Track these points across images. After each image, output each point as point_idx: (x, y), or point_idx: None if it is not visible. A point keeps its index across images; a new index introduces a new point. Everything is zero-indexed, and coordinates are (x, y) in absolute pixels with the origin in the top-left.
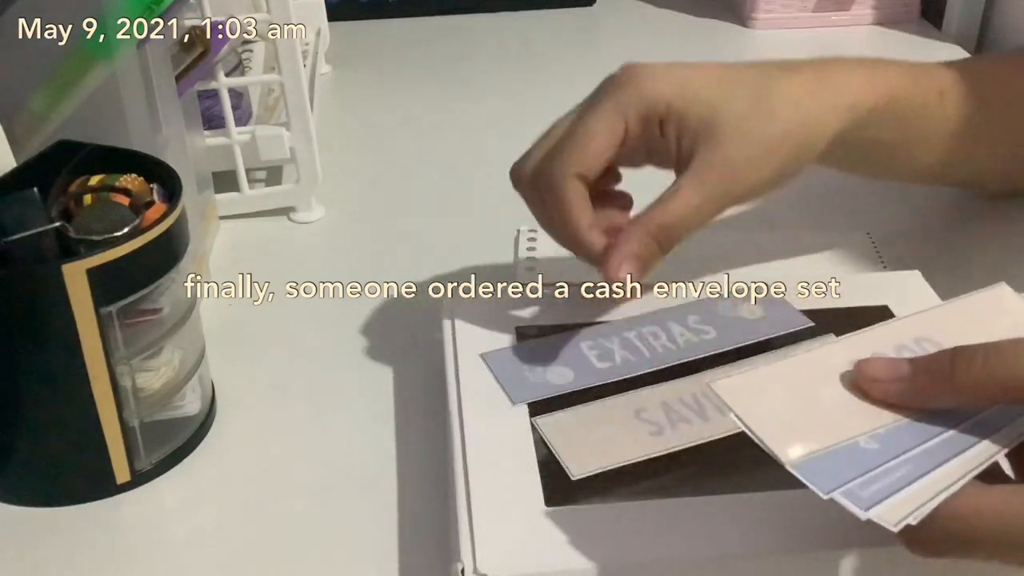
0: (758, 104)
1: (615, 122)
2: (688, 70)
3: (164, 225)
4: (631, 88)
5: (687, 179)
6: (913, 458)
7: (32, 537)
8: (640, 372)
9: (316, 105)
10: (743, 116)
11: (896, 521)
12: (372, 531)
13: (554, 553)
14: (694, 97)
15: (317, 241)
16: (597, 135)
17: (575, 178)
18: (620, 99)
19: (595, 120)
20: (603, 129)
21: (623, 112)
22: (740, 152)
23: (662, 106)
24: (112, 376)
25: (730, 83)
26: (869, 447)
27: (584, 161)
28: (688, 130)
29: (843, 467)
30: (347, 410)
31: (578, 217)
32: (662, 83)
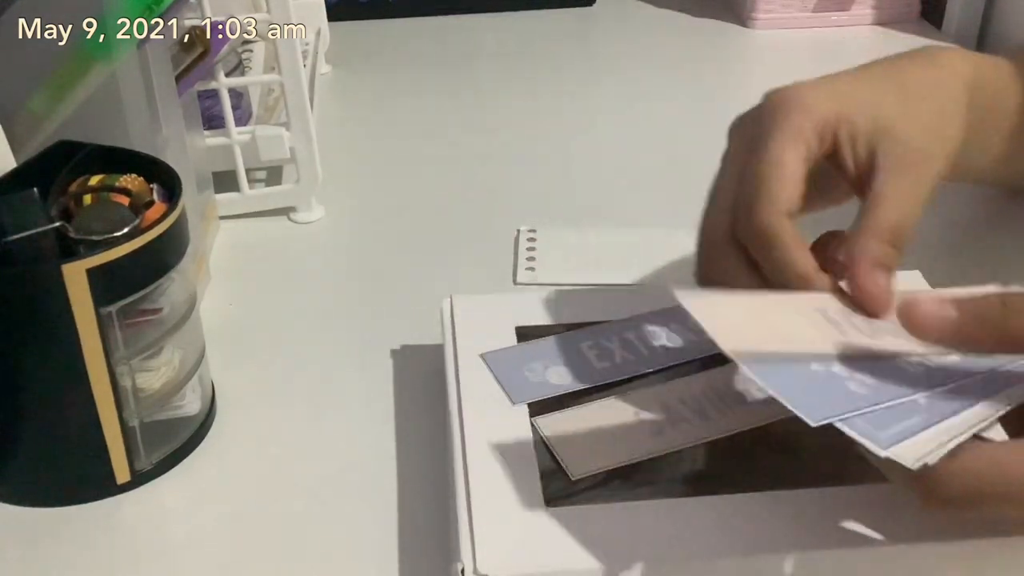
0: (905, 94)
1: (798, 146)
2: (831, 82)
3: (164, 225)
4: (796, 109)
5: (886, 176)
6: (929, 403)
7: (32, 537)
8: (640, 372)
9: (316, 105)
10: (900, 107)
11: (914, 459)
12: (372, 531)
13: (554, 553)
14: (854, 104)
15: (317, 241)
16: (788, 164)
17: (784, 217)
18: (792, 123)
19: (779, 150)
20: (791, 156)
21: (802, 134)
22: (917, 137)
23: (832, 117)
24: (112, 376)
25: (872, 84)
26: (859, 391)
27: (786, 195)
28: (860, 134)
29: (832, 399)
30: (347, 410)
31: (804, 260)
32: (820, 97)
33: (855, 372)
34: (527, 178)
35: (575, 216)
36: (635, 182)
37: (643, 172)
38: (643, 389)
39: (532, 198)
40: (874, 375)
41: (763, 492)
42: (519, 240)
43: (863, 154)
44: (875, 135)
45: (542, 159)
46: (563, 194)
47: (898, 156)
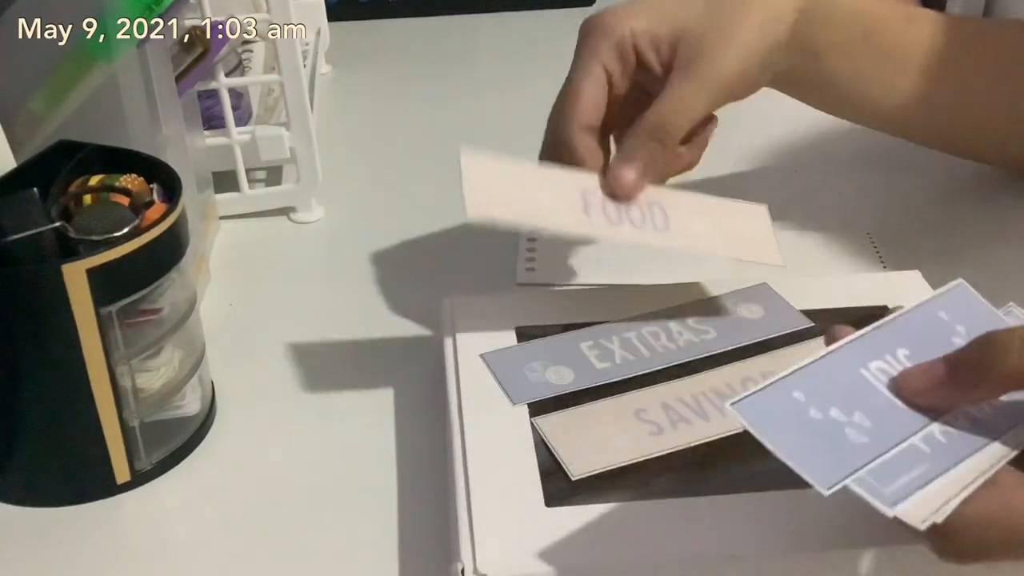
0: (714, 3)
1: (595, 70)
2: (640, 1)
3: (164, 225)
4: (592, 35)
5: (673, 75)
6: (933, 451)
7: (32, 537)
8: (640, 372)
9: (316, 105)
10: (705, 11)
11: (922, 519)
12: (372, 531)
13: (554, 553)
14: (656, 15)
15: (317, 241)
16: (582, 87)
17: (580, 131)
18: (590, 48)
19: (577, 76)
20: (587, 81)
21: (598, 58)
22: (714, 36)
23: (628, 35)
24: (112, 376)
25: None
26: (860, 440)
27: (581, 114)
28: (663, 43)
29: (837, 455)
30: (347, 410)
31: (590, 163)
32: (617, 18)
33: (852, 414)
34: None
35: None
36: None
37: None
38: (643, 389)
39: None
40: (871, 415)
41: (763, 492)
42: (519, 240)
43: (666, 55)
44: (674, 38)
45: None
46: None
47: (687, 58)
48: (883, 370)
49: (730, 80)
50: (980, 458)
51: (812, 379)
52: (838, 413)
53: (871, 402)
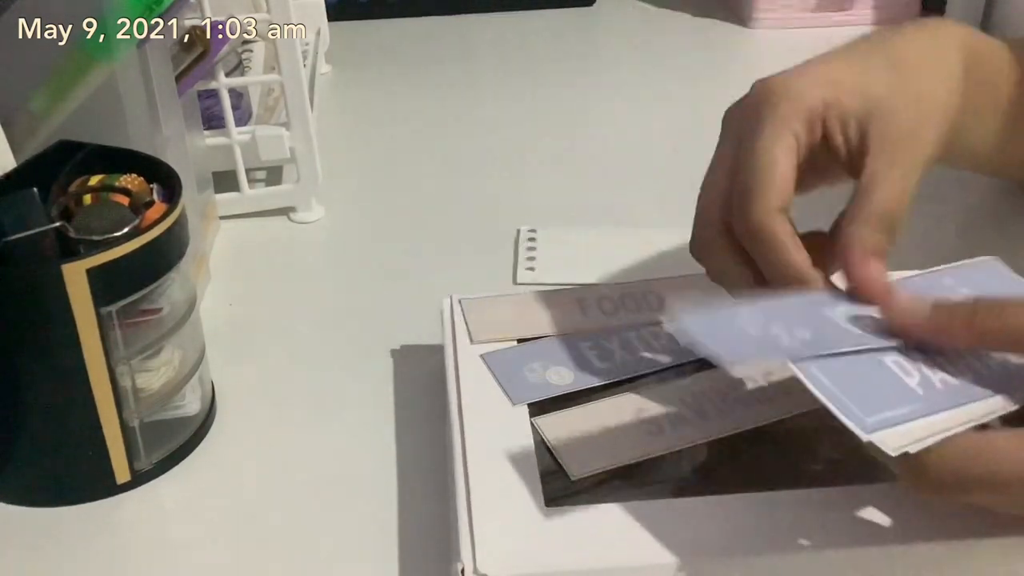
0: (896, 69)
1: (787, 138)
2: (819, 66)
3: (164, 225)
4: (784, 100)
5: (876, 160)
6: (928, 395)
7: (32, 537)
8: (640, 373)
9: (316, 105)
10: (891, 85)
11: (895, 447)
12: (372, 531)
13: (554, 553)
14: (842, 87)
15: (317, 241)
16: (778, 158)
17: (778, 214)
18: (780, 115)
19: (768, 146)
20: (780, 151)
21: (789, 126)
22: (909, 114)
23: (820, 105)
24: (112, 376)
25: (861, 63)
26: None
27: (779, 191)
28: (851, 117)
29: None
30: (347, 410)
31: (799, 257)
32: (807, 84)
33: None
34: (527, 178)
35: (575, 216)
36: (635, 182)
37: (643, 172)
38: (643, 389)
39: (532, 198)
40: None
41: (763, 492)
42: (519, 240)
43: (854, 136)
44: (865, 116)
45: (542, 159)
46: (563, 194)
47: (889, 139)
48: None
49: (934, 156)
50: (972, 408)
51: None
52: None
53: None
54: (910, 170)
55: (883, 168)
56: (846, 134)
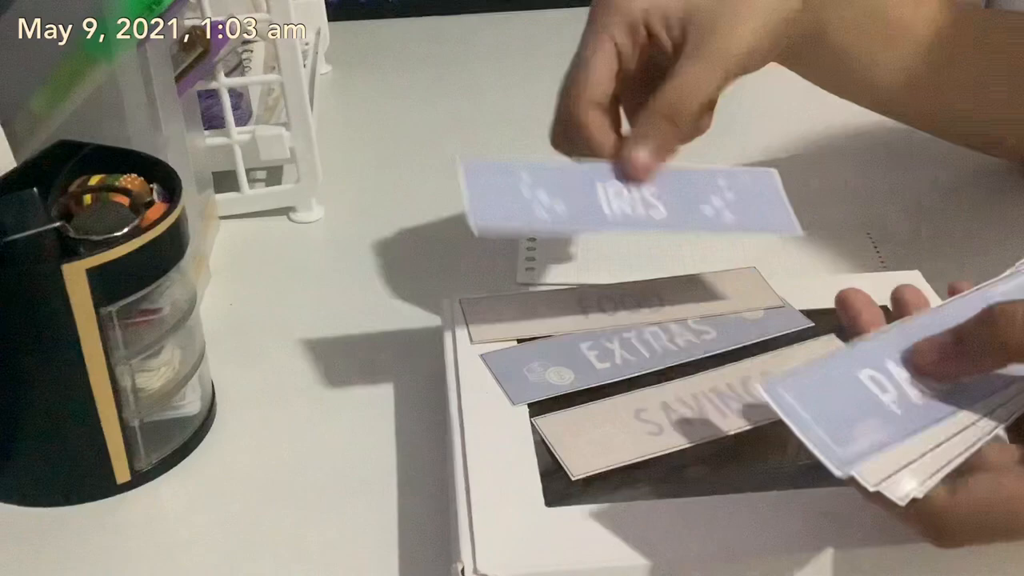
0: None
1: (604, 45)
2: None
3: (164, 225)
4: (607, 11)
5: (685, 55)
6: (899, 416)
7: (32, 537)
8: (640, 373)
9: (316, 105)
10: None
11: (875, 481)
12: (372, 531)
13: (554, 553)
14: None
15: (317, 241)
16: (591, 62)
17: (591, 107)
18: (599, 23)
19: (586, 51)
20: (596, 56)
21: (608, 33)
22: (726, 13)
23: (639, 12)
24: (112, 376)
25: None
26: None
27: (591, 90)
28: (673, 20)
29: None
30: (347, 410)
31: (602, 139)
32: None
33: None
34: None
35: None
36: None
37: None
38: (643, 389)
39: None
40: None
41: (763, 492)
42: (519, 240)
43: (677, 35)
44: (685, 16)
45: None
46: None
47: (698, 37)
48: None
49: (741, 58)
50: (962, 431)
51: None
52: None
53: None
54: (714, 66)
55: (687, 62)
56: (669, 31)
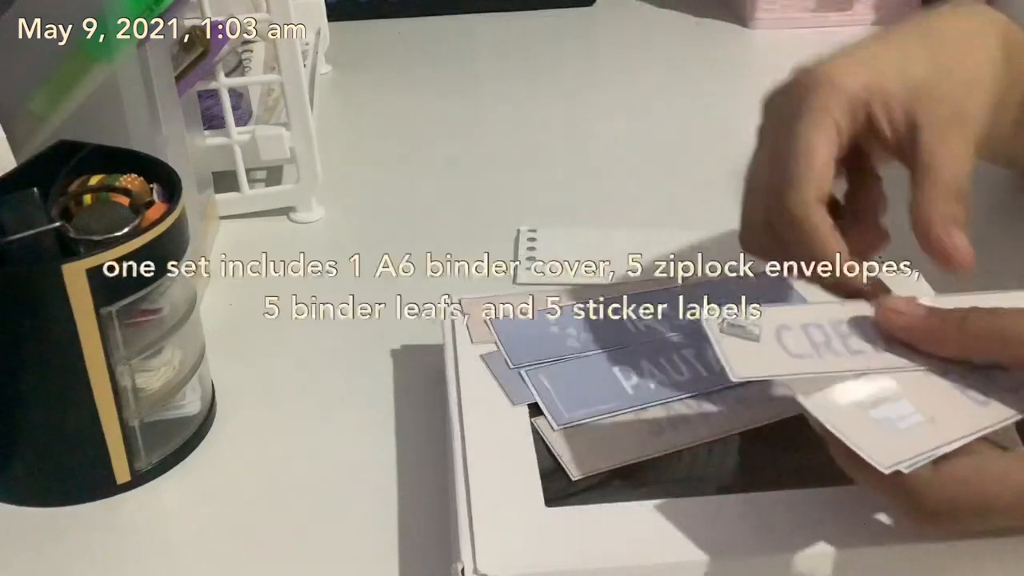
0: (939, 54)
1: (828, 127)
2: (861, 52)
3: (164, 225)
4: (824, 89)
5: (931, 139)
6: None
7: (32, 537)
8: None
9: (316, 105)
10: (934, 69)
11: (889, 464)
12: (372, 531)
13: (554, 553)
14: (885, 73)
15: (317, 241)
16: (816, 149)
17: (816, 204)
18: (821, 104)
19: (807, 136)
20: (821, 139)
21: (830, 114)
22: (955, 95)
23: (862, 91)
24: (112, 376)
25: (903, 47)
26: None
27: (817, 180)
28: (895, 101)
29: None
30: (347, 410)
31: (831, 245)
32: (848, 72)
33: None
34: (527, 178)
35: (575, 216)
36: (635, 182)
37: (643, 172)
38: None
39: (532, 198)
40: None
41: (763, 492)
42: (519, 240)
43: (901, 120)
44: (911, 99)
45: (542, 159)
46: (563, 194)
47: (940, 116)
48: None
49: (983, 135)
50: (965, 421)
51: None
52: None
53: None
54: (967, 143)
55: (940, 145)
56: (891, 118)
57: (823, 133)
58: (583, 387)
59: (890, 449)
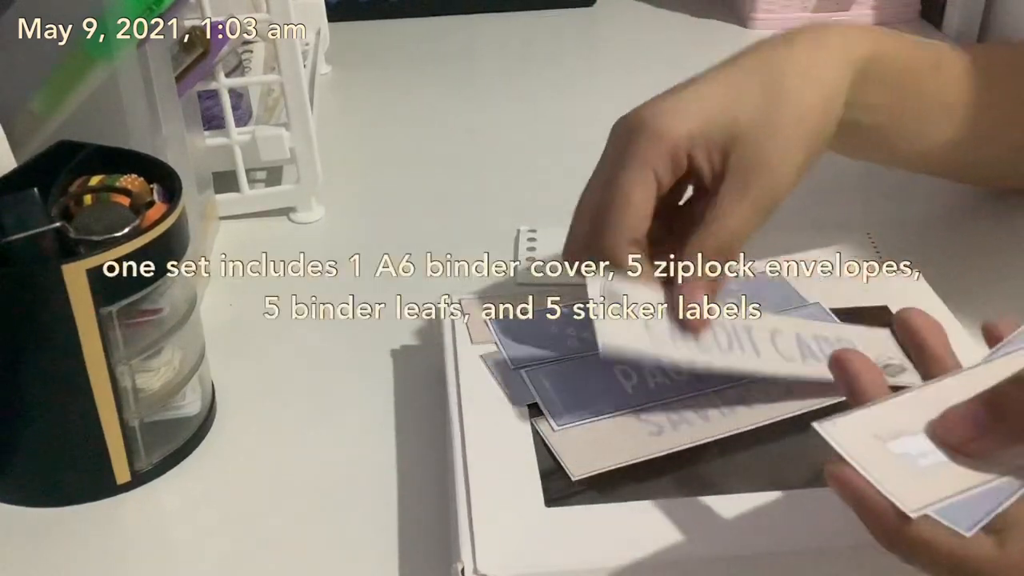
0: (770, 92)
1: (647, 178)
2: (691, 93)
3: (164, 225)
4: (648, 138)
5: (728, 191)
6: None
7: (32, 537)
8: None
9: (316, 105)
10: (760, 110)
11: (915, 508)
12: (372, 531)
13: (554, 553)
14: (709, 117)
15: (317, 241)
16: (634, 197)
17: (629, 245)
18: (642, 153)
19: (628, 183)
20: (638, 191)
21: (651, 165)
22: (769, 144)
23: (684, 141)
24: (112, 376)
25: (736, 85)
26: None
27: (631, 227)
28: (716, 147)
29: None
30: (347, 410)
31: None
32: (675, 120)
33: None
34: (527, 178)
35: None
36: None
37: None
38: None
39: (532, 198)
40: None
41: (763, 492)
42: (519, 240)
43: (717, 163)
44: (728, 144)
45: (542, 159)
46: (563, 194)
47: (744, 168)
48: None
49: (784, 194)
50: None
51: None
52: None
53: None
54: (758, 201)
55: (730, 199)
56: (711, 161)
57: (640, 185)
58: (583, 387)
59: (915, 490)
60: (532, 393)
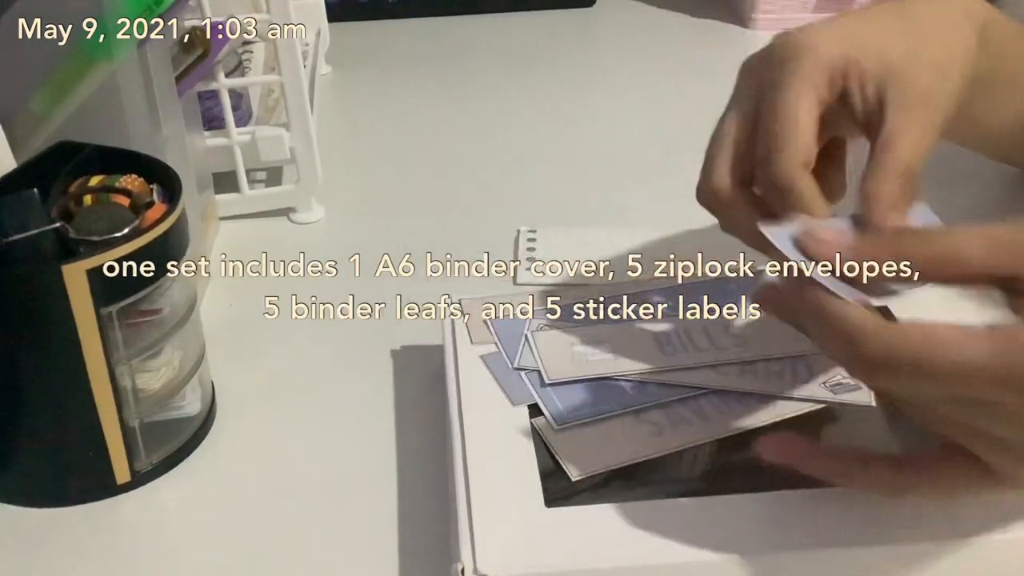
0: (913, 37)
1: (810, 94)
2: (839, 22)
3: (164, 226)
4: (807, 56)
5: (895, 117)
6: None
7: (32, 537)
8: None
9: (316, 105)
10: (910, 51)
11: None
12: (372, 531)
13: (554, 553)
14: (863, 46)
15: (317, 241)
16: (802, 115)
17: (801, 169)
18: (804, 70)
19: (793, 101)
20: (804, 106)
21: (812, 81)
22: (925, 79)
23: (841, 62)
24: (112, 376)
25: (880, 26)
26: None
27: (803, 147)
28: (869, 78)
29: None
30: (347, 410)
31: (821, 210)
32: (829, 41)
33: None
34: (527, 178)
35: (575, 216)
36: (635, 182)
37: (643, 172)
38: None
39: (532, 198)
40: None
41: (763, 492)
42: (519, 240)
43: (871, 96)
44: (883, 76)
45: (542, 159)
46: (563, 194)
47: (907, 97)
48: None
49: (947, 121)
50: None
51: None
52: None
53: None
54: (929, 127)
55: (903, 124)
56: (864, 94)
57: (807, 99)
58: (583, 387)
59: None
60: (532, 393)
